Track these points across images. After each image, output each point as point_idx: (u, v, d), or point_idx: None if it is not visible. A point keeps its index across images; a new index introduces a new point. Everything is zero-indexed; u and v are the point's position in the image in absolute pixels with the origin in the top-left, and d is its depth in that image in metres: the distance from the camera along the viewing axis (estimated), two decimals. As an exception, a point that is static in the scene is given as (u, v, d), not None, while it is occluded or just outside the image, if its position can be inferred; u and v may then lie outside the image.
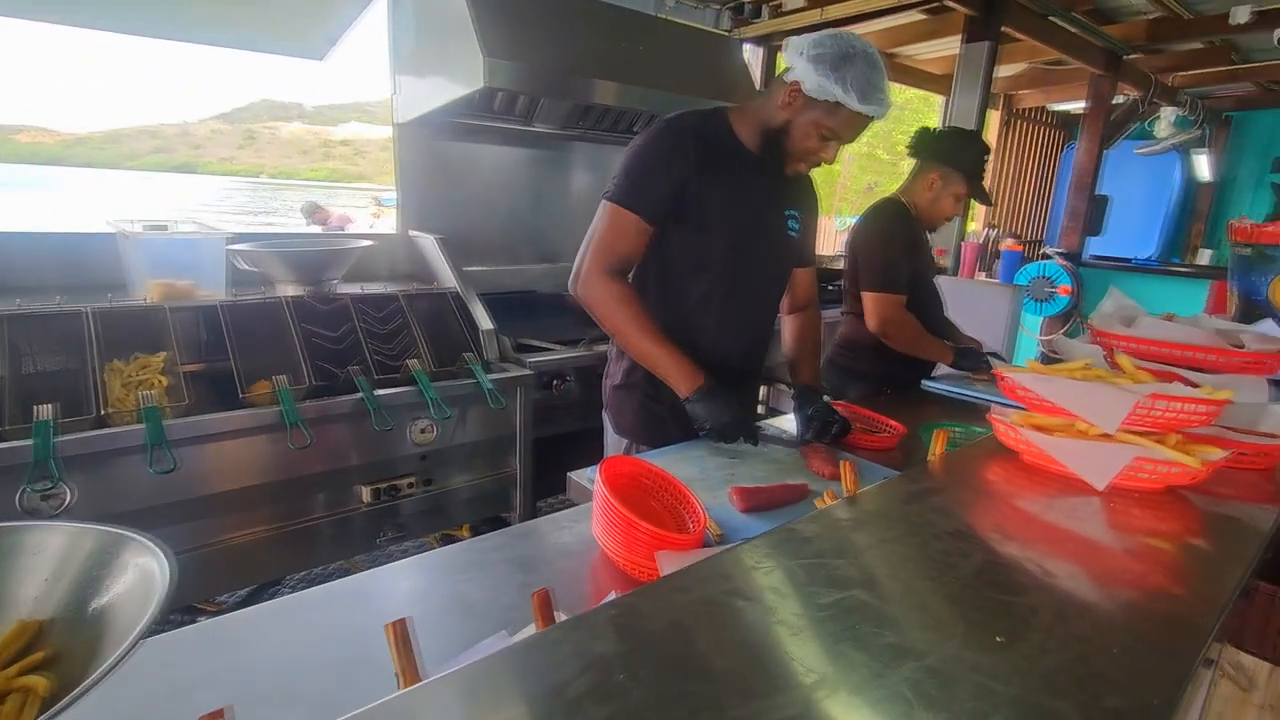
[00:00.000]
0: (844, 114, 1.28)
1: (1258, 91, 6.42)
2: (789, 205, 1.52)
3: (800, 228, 1.56)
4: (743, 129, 1.43)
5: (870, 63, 1.27)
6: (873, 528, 0.67)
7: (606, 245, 1.38)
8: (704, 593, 0.54)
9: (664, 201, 1.37)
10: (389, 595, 0.92)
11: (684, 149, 1.36)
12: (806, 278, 1.69)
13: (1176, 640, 0.52)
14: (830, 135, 1.33)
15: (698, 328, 1.47)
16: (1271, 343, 1.11)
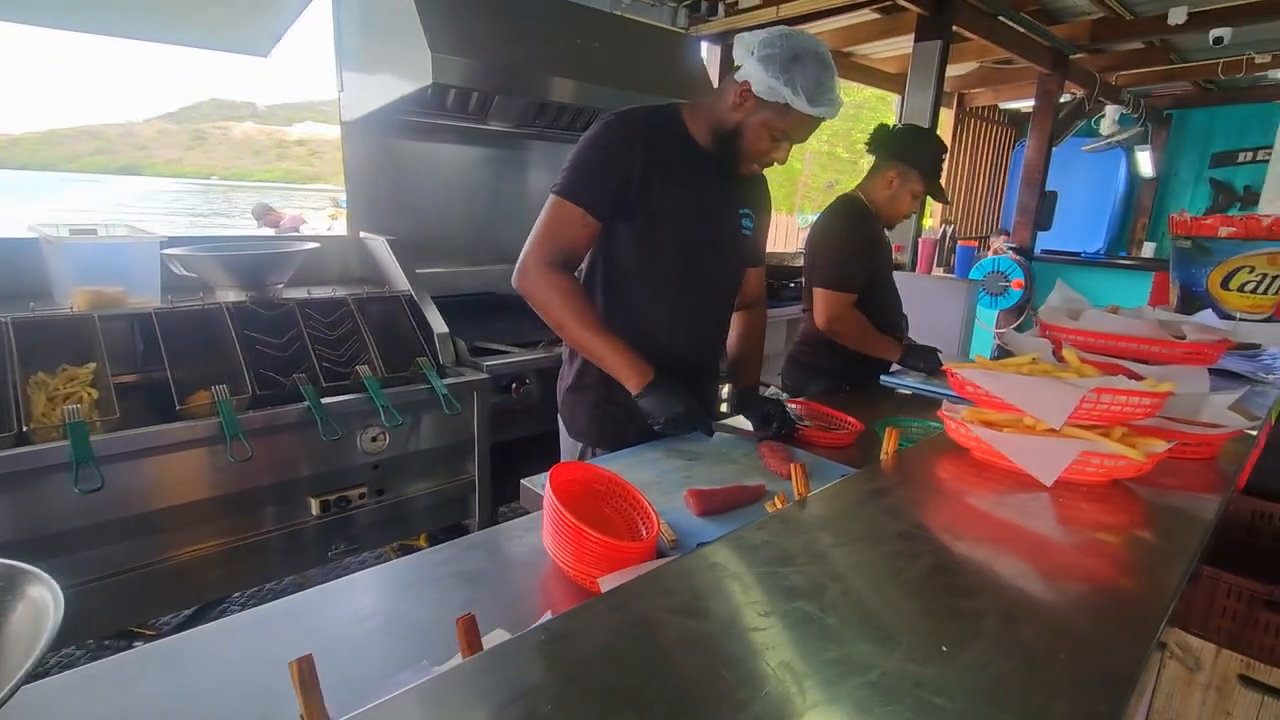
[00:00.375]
0: (794, 115, 1.27)
1: (1195, 90, 6.70)
2: (743, 204, 1.51)
3: (754, 226, 1.55)
4: (695, 126, 1.41)
5: (820, 63, 1.26)
6: (821, 533, 0.66)
7: (549, 236, 1.35)
8: (642, 610, 0.51)
9: (610, 196, 1.34)
10: (323, 617, 0.87)
11: (631, 145, 1.33)
12: (756, 277, 1.68)
13: (1122, 640, 0.51)
14: (781, 136, 1.32)
15: (651, 327, 1.45)
16: (1211, 333, 1.13)
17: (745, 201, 1.52)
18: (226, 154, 38.49)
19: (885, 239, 2.12)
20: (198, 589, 1.81)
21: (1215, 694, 1.68)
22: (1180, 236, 1.65)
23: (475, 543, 1.08)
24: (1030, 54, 4.55)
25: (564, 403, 1.57)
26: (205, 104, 50.97)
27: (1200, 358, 1.08)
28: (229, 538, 1.79)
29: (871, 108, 12.89)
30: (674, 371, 1.39)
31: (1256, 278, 1.54)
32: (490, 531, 1.12)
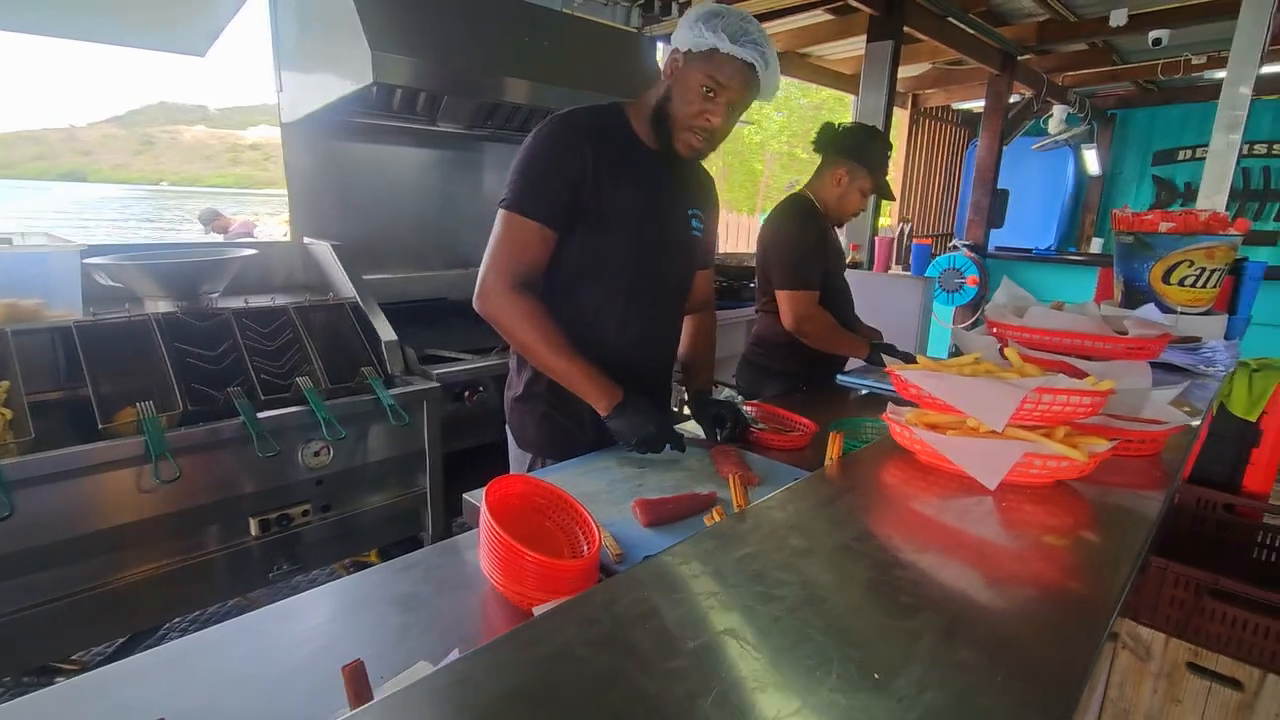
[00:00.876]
0: (719, 60, 1.24)
1: (1137, 91, 6.93)
2: (692, 204, 1.47)
3: (703, 227, 1.51)
4: (638, 123, 1.37)
5: (743, 16, 1.25)
6: (756, 549, 0.62)
7: (508, 257, 1.29)
8: (556, 645, 0.47)
9: (565, 205, 1.30)
10: (230, 655, 0.80)
11: (578, 147, 1.29)
12: (705, 279, 1.65)
13: (1062, 656, 0.49)
14: (711, 86, 1.25)
15: (602, 333, 1.40)
16: (1152, 328, 1.14)
17: (694, 201, 1.49)
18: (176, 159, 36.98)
19: (835, 239, 2.11)
20: (129, 618, 1.71)
21: (1165, 682, 1.70)
22: (1123, 232, 1.68)
23: (409, 564, 1.02)
24: (980, 55, 4.64)
25: (512, 412, 1.52)
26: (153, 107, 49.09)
27: (1143, 352, 1.08)
28: (161, 562, 1.69)
29: (830, 109, 13.07)
30: (626, 378, 1.35)
31: (1196, 271, 1.57)
32: (427, 551, 1.07)
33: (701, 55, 1.25)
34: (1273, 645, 1.53)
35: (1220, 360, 1.33)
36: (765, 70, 1.26)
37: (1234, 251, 1.59)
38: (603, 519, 1.08)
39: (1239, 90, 1.99)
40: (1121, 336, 1.09)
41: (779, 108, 13.93)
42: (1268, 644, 1.54)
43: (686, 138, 1.32)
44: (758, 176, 14.75)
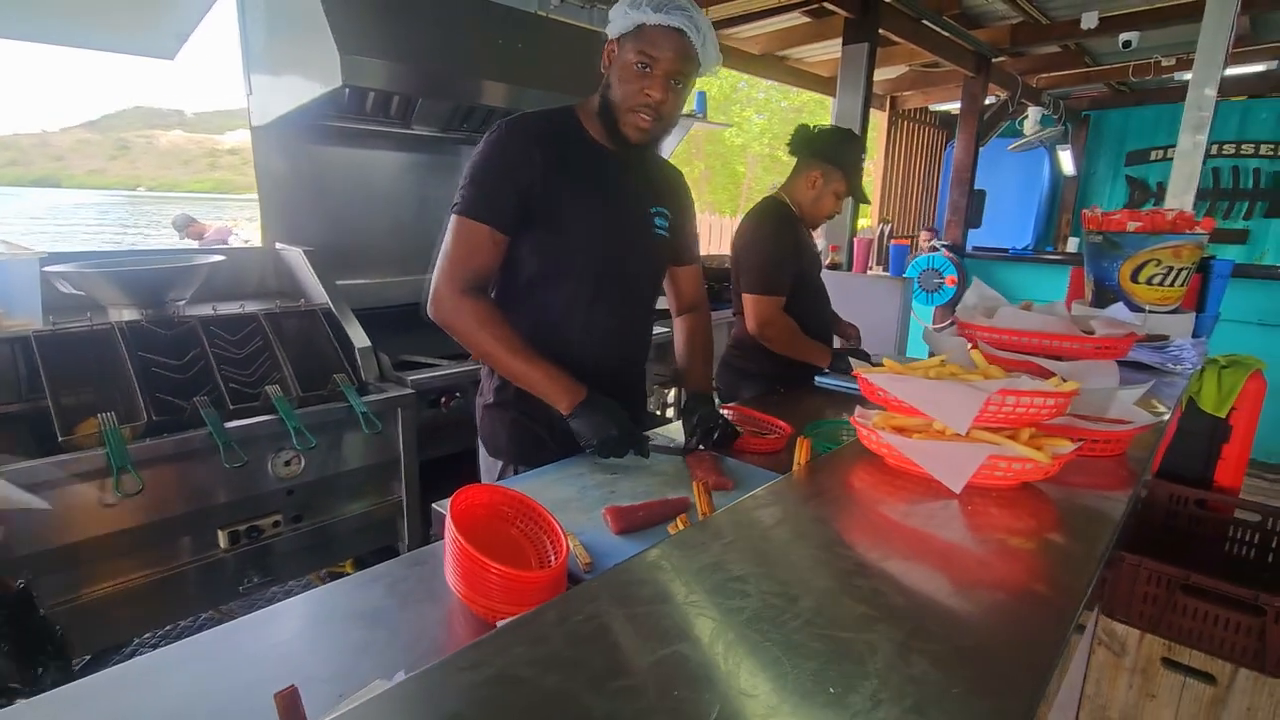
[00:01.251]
0: (648, 33, 1.22)
1: (1109, 92, 7.04)
2: (655, 203, 1.44)
3: (671, 225, 1.48)
4: (590, 123, 1.35)
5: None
6: (717, 559, 0.61)
7: (459, 261, 1.28)
8: (499, 667, 0.46)
9: (513, 208, 1.28)
10: (187, 674, 0.78)
11: (527, 151, 1.28)
12: (691, 276, 1.62)
13: (1024, 665, 0.48)
14: (643, 61, 1.23)
15: (565, 337, 1.38)
16: (1119, 327, 1.14)
17: (658, 200, 1.45)
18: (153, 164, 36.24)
19: (810, 241, 2.11)
20: (94, 636, 1.66)
21: (1140, 677, 1.72)
22: (1092, 232, 1.69)
23: (374, 576, 1.00)
24: (955, 57, 4.68)
25: (483, 420, 1.50)
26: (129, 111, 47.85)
27: (1110, 351, 1.09)
28: (128, 577, 1.65)
29: (810, 111, 13.16)
30: (595, 379, 1.33)
31: (1163, 270, 1.59)
32: (394, 563, 1.04)
33: (631, 35, 1.24)
34: (1244, 639, 1.55)
35: (1188, 358, 1.35)
36: (697, 36, 1.23)
37: (1200, 250, 1.61)
38: (573, 527, 1.06)
39: (1204, 92, 2.02)
40: (1089, 336, 1.09)
41: (760, 110, 14.00)
42: (1239, 638, 1.55)
43: (631, 119, 1.28)
44: (740, 179, 14.81)
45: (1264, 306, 3.80)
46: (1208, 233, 1.59)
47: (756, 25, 4.36)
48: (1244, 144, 6.78)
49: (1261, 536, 1.89)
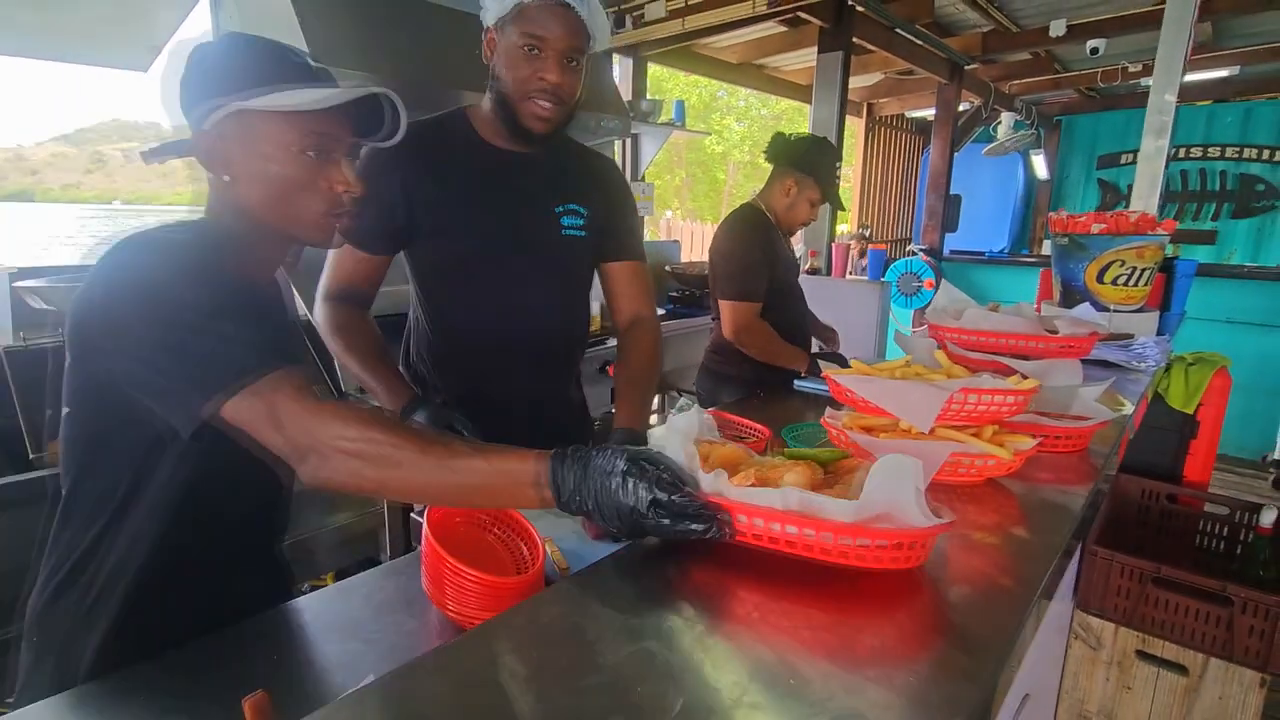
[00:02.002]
0: (529, 13, 1.13)
1: (1079, 98, 7.20)
2: (563, 200, 1.32)
3: (592, 221, 1.35)
4: (482, 124, 1.26)
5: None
6: (680, 565, 0.62)
7: (328, 270, 1.29)
8: (467, 668, 0.46)
9: (374, 226, 1.22)
10: (160, 689, 0.77)
11: (393, 163, 1.20)
12: (626, 275, 1.42)
13: (974, 659, 0.50)
14: (531, 43, 1.14)
15: (468, 351, 1.32)
16: (1082, 326, 1.17)
17: (567, 195, 1.33)
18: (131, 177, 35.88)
19: (785, 247, 2.13)
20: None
21: (1117, 670, 1.75)
22: (1059, 234, 1.74)
23: (350, 587, 1.00)
24: (928, 65, 4.77)
25: None
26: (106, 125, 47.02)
27: (1073, 350, 1.12)
28: (102, 595, 1.62)
29: (790, 118, 13.30)
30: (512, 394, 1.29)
31: (1128, 271, 1.63)
32: (371, 574, 1.04)
33: (512, 17, 1.14)
34: (1213, 629, 1.58)
35: (1151, 356, 1.38)
36: (583, 7, 1.15)
37: (1162, 250, 1.66)
38: (551, 533, 1.07)
39: (1164, 97, 2.09)
40: (1053, 335, 1.12)
41: (740, 118, 14.14)
42: (1208, 629, 1.59)
43: (529, 108, 1.18)
44: (721, 186, 14.93)
45: (1231, 304, 3.90)
46: (1169, 234, 1.63)
47: (733, 35, 4.41)
48: (1210, 147, 6.95)
49: (1230, 529, 1.94)
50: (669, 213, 12.99)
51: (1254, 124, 6.71)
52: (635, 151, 3.92)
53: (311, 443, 0.71)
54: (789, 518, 0.55)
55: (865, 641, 0.50)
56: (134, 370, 0.74)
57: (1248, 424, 3.99)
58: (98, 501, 0.82)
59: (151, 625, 0.86)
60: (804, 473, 0.62)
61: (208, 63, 0.84)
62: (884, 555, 0.54)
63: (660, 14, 3.43)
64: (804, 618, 0.54)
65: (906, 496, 0.54)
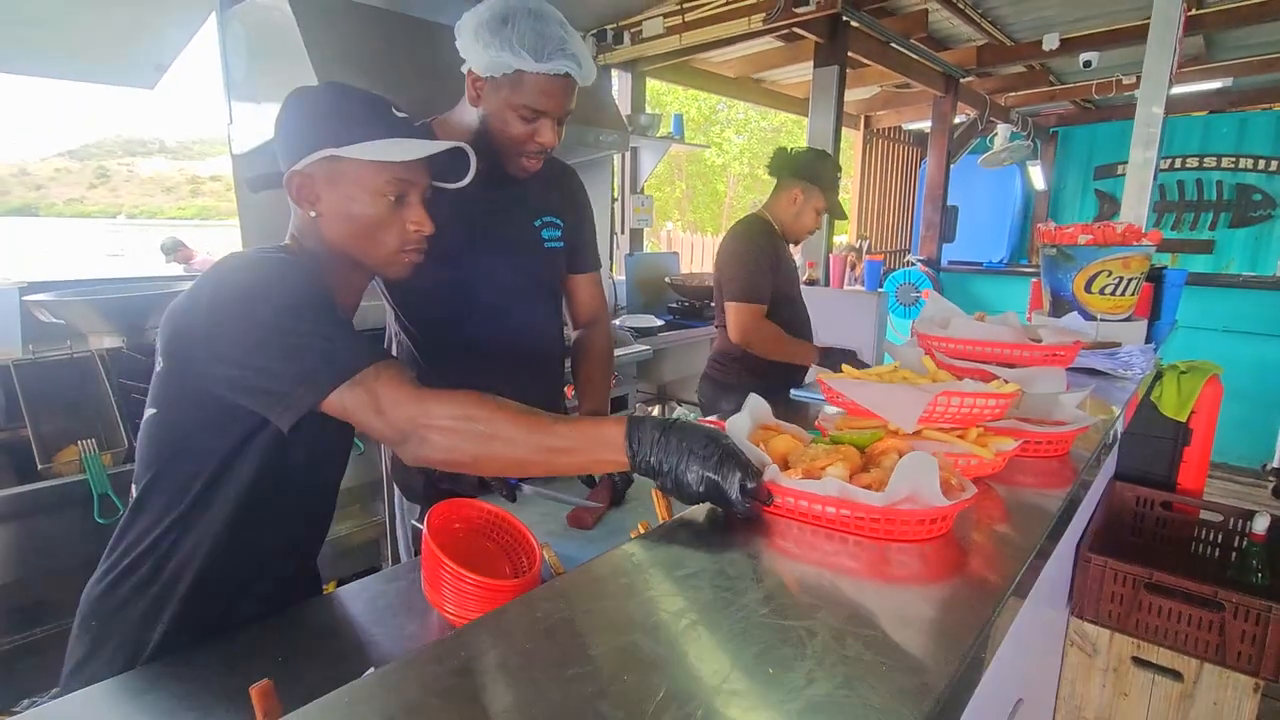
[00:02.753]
0: (530, 81, 1.10)
1: (1074, 110, 7.26)
2: (540, 213, 1.33)
3: (564, 234, 1.37)
4: (456, 138, 1.26)
5: (535, 16, 1.09)
6: (669, 562, 0.64)
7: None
8: (462, 660, 0.49)
9: None
10: (160, 693, 0.79)
11: None
12: (589, 285, 1.47)
13: (943, 648, 0.52)
14: (530, 113, 1.13)
15: (459, 369, 1.31)
16: (1067, 335, 1.20)
17: (545, 208, 1.34)
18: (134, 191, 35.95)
19: (789, 257, 2.19)
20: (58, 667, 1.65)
21: (1113, 676, 1.76)
22: (1047, 245, 1.77)
23: (354, 593, 1.02)
24: (924, 78, 4.82)
25: (393, 463, 1.42)
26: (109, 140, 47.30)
27: (1057, 359, 1.14)
28: (106, 604, 1.64)
29: (789, 131, 13.41)
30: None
31: (1114, 280, 1.66)
32: (373, 579, 1.07)
33: (509, 81, 1.11)
34: (1206, 635, 1.59)
35: (1137, 364, 1.41)
36: (580, 71, 1.13)
37: (1148, 260, 1.69)
38: (548, 539, 1.09)
39: (1151, 109, 2.12)
40: (1037, 344, 1.15)
41: (739, 131, 14.25)
42: (1201, 634, 1.60)
43: (520, 162, 1.20)
44: (721, 198, 15.02)
45: (1227, 313, 3.93)
46: (1155, 244, 1.66)
47: (731, 50, 4.48)
48: (1206, 157, 7.00)
49: (1225, 536, 1.95)
50: (669, 224, 13.07)
51: (1249, 134, 6.77)
52: (634, 165, 3.97)
53: (411, 426, 0.80)
54: (843, 502, 0.68)
55: (842, 636, 0.53)
56: (238, 375, 0.81)
57: (1247, 433, 4.00)
58: (171, 498, 0.88)
59: (209, 619, 0.92)
60: (844, 466, 0.71)
61: (306, 108, 0.92)
62: (921, 530, 0.67)
63: (658, 30, 3.49)
64: (782, 613, 0.56)
65: (930, 482, 0.65)
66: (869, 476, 0.70)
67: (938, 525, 0.67)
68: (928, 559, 0.66)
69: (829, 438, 0.79)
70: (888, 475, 0.65)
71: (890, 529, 0.66)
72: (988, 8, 4.27)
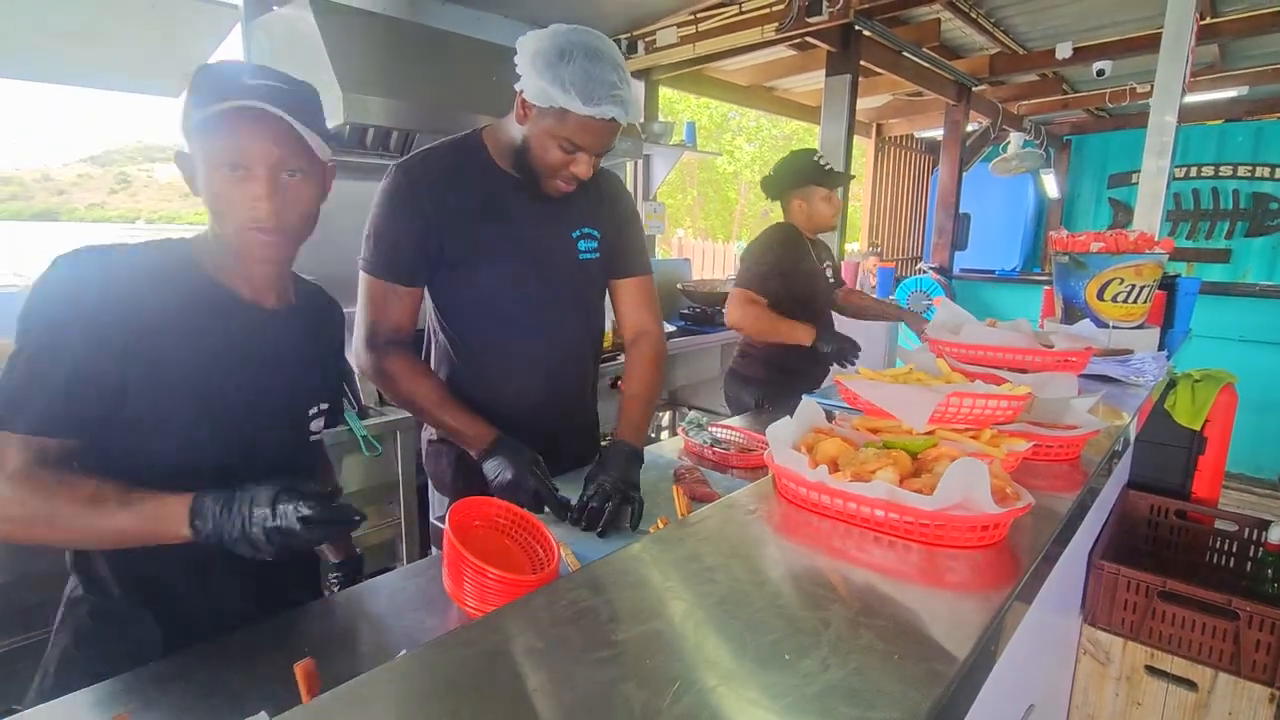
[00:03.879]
0: (574, 120, 1.12)
1: (1088, 118, 7.24)
2: (579, 225, 1.35)
3: (605, 242, 1.39)
4: (497, 149, 1.28)
5: (591, 57, 1.09)
6: (689, 555, 0.67)
7: (368, 318, 1.26)
8: (493, 643, 0.51)
9: (412, 259, 1.24)
10: (184, 687, 0.82)
11: (416, 195, 1.22)
12: (633, 291, 1.45)
13: (952, 638, 0.54)
14: (569, 147, 1.16)
15: (488, 377, 1.34)
16: (1078, 341, 1.21)
17: (582, 219, 1.35)
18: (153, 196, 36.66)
19: (816, 262, 2.25)
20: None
21: (1126, 685, 1.75)
22: (1059, 253, 1.78)
23: (376, 587, 1.05)
24: (936, 87, 4.84)
25: (428, 456, 1.45)
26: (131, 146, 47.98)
27: (1069, 365, 1.15)
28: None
29: (800, 138, 13.41)
30: (520, 426, 1.28)
31: (1127, 288, 1.67)
32: (392, 575, 1.09)
33: (553, 113, 1.13)
34: (1221, 644, 1.59)
35: (1149, 371, 1.41)
36: (625, 115, 1.14)
37: (1161, 268, 1.69)
38: (565, 537, 1.11)
39: (1165, 118, 2.13)
40: (1049, 350, 1.16)
41: (750, 138, 14.29)
42: (1216, 643, 1.60)
43: (556, 184, 1.23)
44: (732, 205, 15.05)
45: (1244, 322, 3.90)
46: (1168, 252, 1.67)
47: (743, 59, 4.51)
48: (1222, 166, 6.95)
49: (1239, 545, 1.94)
50: (681, 231, 13.11)
51: (1265, 143, 6.71)
52: (647, 172, 4.00)
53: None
54: (891, 505, 0.68)
55: (855, 629, 0.55)
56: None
57: (1263, 443, 3.96)
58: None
59: (194, 613, 0.94)
60: (894, 471, 0.72)
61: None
62: (972, 537, 0.68)
63: (672, 39, 3.53)
64: (799, 604, 0.58)
65: (981, 490, 0.65)
66: (919, 482, 0.70)
67: (990, 533, 0.67)
68: (939, 558, 0.67)
69: (881, 442, 0.79)
70: (938, 481, 0.66)
71: (941, 534, 0.67)
72: (1000, 17, 4.28)
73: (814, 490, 0.73)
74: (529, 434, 1.28)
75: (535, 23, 3.30)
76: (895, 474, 0.71)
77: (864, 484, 0.70)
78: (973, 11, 4.09)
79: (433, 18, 2.92)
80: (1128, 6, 3.95)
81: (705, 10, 3.43)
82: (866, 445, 0.79)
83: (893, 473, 0.71)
